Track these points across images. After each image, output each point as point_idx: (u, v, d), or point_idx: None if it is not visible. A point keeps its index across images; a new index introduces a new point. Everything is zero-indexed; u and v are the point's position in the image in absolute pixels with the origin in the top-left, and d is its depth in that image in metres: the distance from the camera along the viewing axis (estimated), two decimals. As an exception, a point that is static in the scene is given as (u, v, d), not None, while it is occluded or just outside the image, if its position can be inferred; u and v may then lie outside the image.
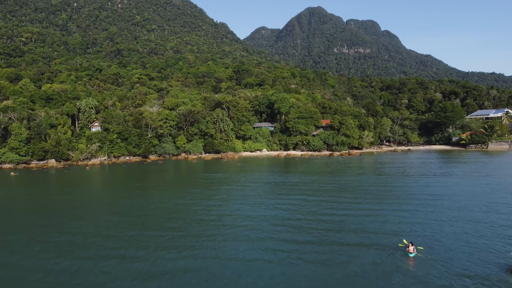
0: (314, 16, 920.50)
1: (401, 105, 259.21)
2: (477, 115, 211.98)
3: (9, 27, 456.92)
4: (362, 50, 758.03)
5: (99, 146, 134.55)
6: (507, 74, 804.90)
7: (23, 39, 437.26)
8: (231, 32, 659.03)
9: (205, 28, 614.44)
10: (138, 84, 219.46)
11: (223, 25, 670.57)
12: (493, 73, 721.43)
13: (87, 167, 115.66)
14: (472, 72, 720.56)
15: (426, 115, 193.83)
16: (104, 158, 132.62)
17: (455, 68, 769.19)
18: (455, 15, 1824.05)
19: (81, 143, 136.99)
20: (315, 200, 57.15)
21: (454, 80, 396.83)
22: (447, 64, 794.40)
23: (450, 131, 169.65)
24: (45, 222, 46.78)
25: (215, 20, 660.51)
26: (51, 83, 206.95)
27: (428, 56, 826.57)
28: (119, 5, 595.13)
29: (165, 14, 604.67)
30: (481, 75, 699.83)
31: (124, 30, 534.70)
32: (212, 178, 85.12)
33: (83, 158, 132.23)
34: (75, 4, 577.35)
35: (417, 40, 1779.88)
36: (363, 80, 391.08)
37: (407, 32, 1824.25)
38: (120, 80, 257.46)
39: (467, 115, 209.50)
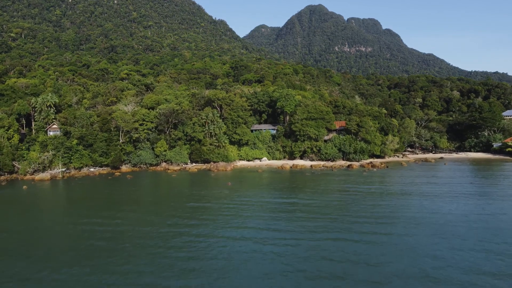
0: (315, 14, 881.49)
1: (415, 104, 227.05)
2: (506, 116, 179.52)
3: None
4: (363, 49, 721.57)
5: (53, 154, 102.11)
6: (510, 73, 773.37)
7: (12, 34, 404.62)
8: (230, 30, 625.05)
9: (204, 25, 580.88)
10: (126, 81, 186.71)
11: (222, 23, 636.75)
12: (496, 72, 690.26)
13: (24, 187, 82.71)
14: (475, 71, 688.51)
15: (454, 116, 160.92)
16: (58, 170, 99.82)
17: (457, 67, 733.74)
18: (456, 14, 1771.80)
19: (34, 151, 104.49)
20: None
21: (463, 79, 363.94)
22: (449, 63, 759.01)
23: (486, 135, 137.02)
24: None
25: (214, 18, 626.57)
26: (21, 78, 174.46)
27: (430, 55, 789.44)
28: (115, 1, 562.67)
29: (163, 11, 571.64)
30: (484, 74, 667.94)
31: (119, 26, 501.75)
32: (183, 218, 52.53)
33: (32, 171, 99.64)
34: (70, 0, 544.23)
35: (418, 39, 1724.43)
36: (369, 78, 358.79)
37: (408, 31, 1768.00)
38: (106, 76, 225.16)
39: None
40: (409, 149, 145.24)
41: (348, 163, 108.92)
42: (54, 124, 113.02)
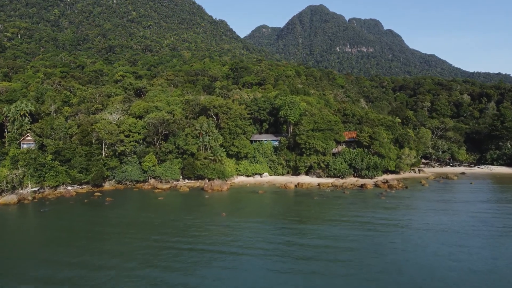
0: (316, 14, 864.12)
1: (423, 108, 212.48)
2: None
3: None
4: (365, 49, 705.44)
5: (24, 172, 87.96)
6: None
7: (8, 34, 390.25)
8: (231, 30, 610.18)
9: (204, 25, 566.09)
10: (120, 83, 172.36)
11: (223, 23, 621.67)
12: (499, 74, 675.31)
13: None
14: (477, 72, 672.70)
15: (471, 124, 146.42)
16: (28, 190, 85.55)
17: (459, 68, 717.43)
18: (458, 14, 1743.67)
19: (4, 167, 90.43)
20: None
21: (469, 80, 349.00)
22: (451, 64, 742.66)
23: (510, 146, 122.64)
24: None
25: (214, 18, 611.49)
26: (5, 82, 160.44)
27: (432, 56, 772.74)
28: (114, 1, 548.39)
29: (162, 11, 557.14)
30: (487, 76, 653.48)
31: (118, 26, 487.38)
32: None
33: (0, 191, 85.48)
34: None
35: (420, 39, 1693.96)
36: (372, 79, 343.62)
37: (410, 31, 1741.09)
38: (100, 78, 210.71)
39: None
40: (423, 160, 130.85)
41: (361, 181, 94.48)
42: (28, 135, 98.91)
